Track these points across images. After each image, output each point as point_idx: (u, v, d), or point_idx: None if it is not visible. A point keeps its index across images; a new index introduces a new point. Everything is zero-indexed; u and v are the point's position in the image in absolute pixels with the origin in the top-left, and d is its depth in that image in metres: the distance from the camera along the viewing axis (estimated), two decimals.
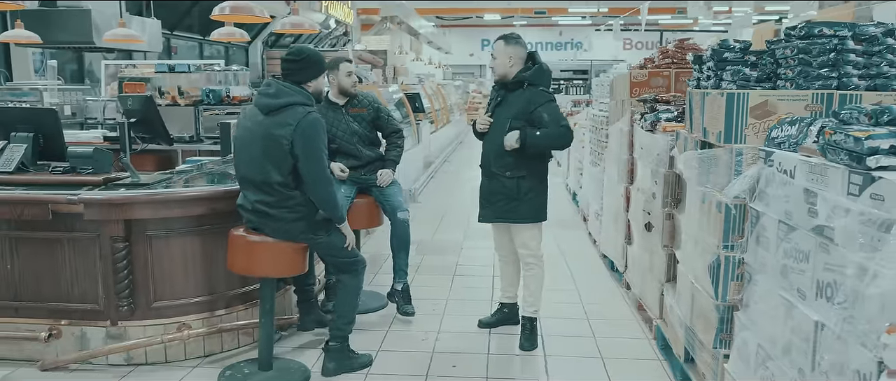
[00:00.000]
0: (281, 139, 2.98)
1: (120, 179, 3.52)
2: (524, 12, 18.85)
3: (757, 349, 2.36)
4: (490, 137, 3.63)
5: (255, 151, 3.05)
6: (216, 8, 4.64)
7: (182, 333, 3.44)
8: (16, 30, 6.29)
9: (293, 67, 3.14)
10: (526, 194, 3.57)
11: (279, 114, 3.02)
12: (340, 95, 4.09)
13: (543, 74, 3.60)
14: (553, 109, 3.54)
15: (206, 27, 13.16)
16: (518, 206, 3.58)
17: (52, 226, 3.31)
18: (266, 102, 3.07)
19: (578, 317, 4.22)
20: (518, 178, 3.55)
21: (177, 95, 6.38)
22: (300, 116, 3.00)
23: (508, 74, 3.58)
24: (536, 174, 3.63)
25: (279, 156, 3.00)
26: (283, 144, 2.98)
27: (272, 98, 3.06)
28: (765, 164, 2.44)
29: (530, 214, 3.63)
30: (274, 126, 3.01)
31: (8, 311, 3.44)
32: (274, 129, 3.00)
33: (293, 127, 2.98)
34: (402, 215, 4.17)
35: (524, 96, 3.54)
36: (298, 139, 2.98)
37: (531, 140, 3.46)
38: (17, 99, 6.35)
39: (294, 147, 2.99)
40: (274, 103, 3.04)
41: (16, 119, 3.73)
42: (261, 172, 3.04)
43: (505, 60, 3.58)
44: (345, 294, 3.38)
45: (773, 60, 2.80)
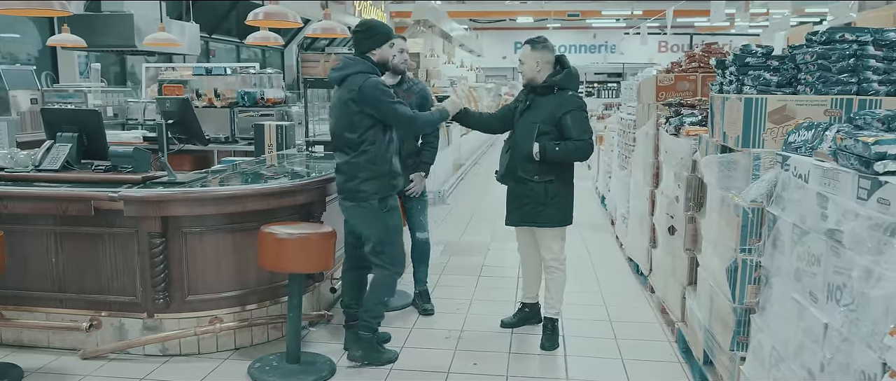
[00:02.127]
0: (349, 104, 3.33)
1: (158, 177, 3.68)
2: (557, 15, 18.81)
3: (771, 350, 2.38)
4: (517, 141, 3.67)
5: (335, 117, 3.46)
6: (251, 14, 4.79)
7: (214, 326, 3.58)
8: (63, 34, 6.56)
9: (358, 38, 3.45)
10: (553, 199, 3.62)
11: (345, 83, 3.37)
12: (391, 75, 3.99)
13: (573, 78, 3.64)
14: (579, 119, 3.58)
15: (244, 31, 13.47)
16: (544, 210, 3.63)
17: (94, 222, 3.48)
18: (334, 75, 3.44)
19: (601, 318, 4.25)
20: (545, 182, 3.59)
21: (213, 98, 6.58)
22: (360, 82, 3.31)
23: (537, 79, 3.63)
24: (563, 179, 3.67)
25: (349, 119, 3.35)
26: (352, 108, 3.33)
27: (338, 70, 3.42)
28: (782, 168, 2.46)
29: (556, 218, 3.67)
30: (343, 93, 3.38)
31: (53, 302, 3.62)
32: (343, 95, 3.37)
33: (357, 92, 3.31)
34: (422, 234, 4.28)
35: (555, 101, 3.59)
36: (367, 103, 3.31)
37: (550, 154, 3.55)
38: (63, 100, 6.62)
39: (364, 110, 3.32)
40: (338, 75, 3.40)
41: (61, 120, 3.92)
42: (339, 134, 3.44)
43: (532, 65, 3.62)
44: (375, 290, 3.53)
45: (794, 65, 2.81)
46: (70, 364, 3.48)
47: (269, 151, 5.43)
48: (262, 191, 3.59)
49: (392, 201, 3.51)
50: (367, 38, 3.43)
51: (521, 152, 3.63)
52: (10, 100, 6.52)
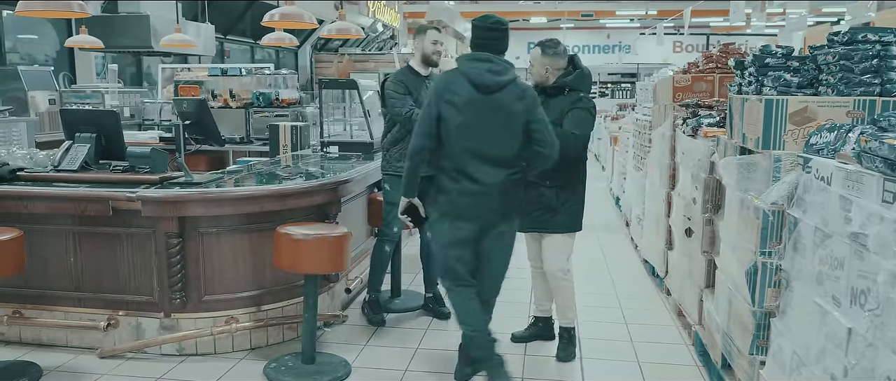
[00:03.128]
0: (521, 113, 3.06)
1: (175, 178, 3.70)
2: (571, 15, 18.72)
3: (792, 355, 2.35)
4: None
5: (498, 127, 3.05)
6: (266, 15, 4.81)
7: (230, 326, 3.60)
8: (81, 35, 6.64)
9: (499, 36, 3.11)
10: (564, 204, 3.51)
11: (507, 88, 3.06)
12: (423, 65, 4.00)
13: (584, 78, 3.54)
14: (580, 117, 3.44)
15: (258, 32, 13.53)
16: (554, 216, 3.51)
17: (112, 222, 3.51)
18: (498, 79, 3.05)
19: (617, 321, 4.22)
20: (557, 187, 3.48)
21: (229, 98, 6.62)
22: (527, 87, 3.15)
23: (547, 80, 3.54)
24: (575, 182, 3.56)
25: (519, 129, 3.08)
26: (521, 118, 3.07)
27: (501, 75, 3.06)
28: (803, 170, 2.43)
29: (566, 223, 3.55)
30: (510, 100, 3.06)
31: (71, 301, 3.65)
32: (509, 102, 3.05)
33: (530, 99, 3.09)
34: None
35: (565, 102, 3.49)
36: (532, 110, 3.09)
37: None
38: (81, 101, 6.69)
39: (529, 119, 3.08)
40: (505, 80, 3.06)
41: (80, 120, 3.96)
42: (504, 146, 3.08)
43: (541, 70, 3.52)
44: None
45: (815, 66, 2.77)
46: (88, 363, 3.50)
47: (283, 151, 5.45)
48: (279, 192, 3.60)
49: None
50: (506, 38, 3.12)
51: None
52: (29, 100, 6.60)
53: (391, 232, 4.08)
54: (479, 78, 3.03)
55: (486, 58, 3.07)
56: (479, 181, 3.07)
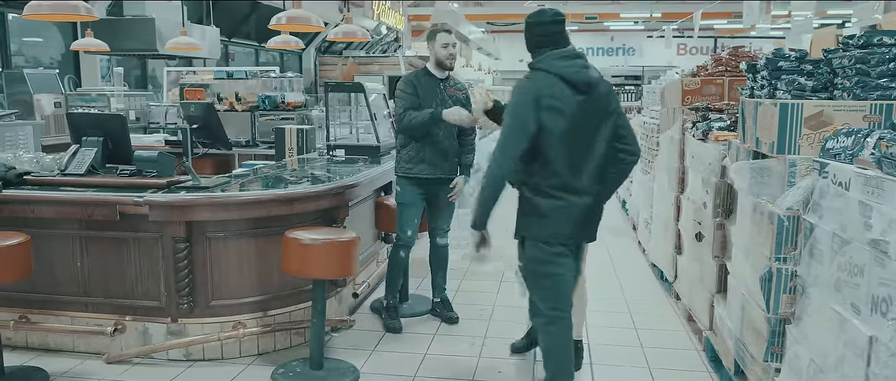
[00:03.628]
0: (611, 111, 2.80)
1: (182, 182, 3.68)
2: (575, 18, 18.68)
3: (809, 363, 2.32)
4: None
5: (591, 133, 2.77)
6: (274, 18, 4.79)
7: (237, 331, 3.57)
8: (87, 38, 6.62)
9: (564, 28, 2.80)
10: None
11: (598, 87, 2.78)
12: (439, 68, 3.97)
13: None
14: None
15: (263, 34, 13.54)
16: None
17: (119, 226, 3.49)
18: (593, 75, 2.76)
19: (626, 326, 4.19)
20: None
21: (234, 101, 6.60)
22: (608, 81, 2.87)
23: None
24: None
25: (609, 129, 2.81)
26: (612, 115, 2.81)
27: (592, 70, 2.78)
28: (819, 175, 2.40)
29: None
30: (604, 101, 2.79)
31: (78, 306, 3.63)
32: (606, 104, 2.80)
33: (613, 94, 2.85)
34: (443, 240, 4.19)
35: None
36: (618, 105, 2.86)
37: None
38: (87, 104, 6.68)
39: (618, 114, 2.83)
40: (596, 76, 2.79)
41: (87, 124, 3.95)
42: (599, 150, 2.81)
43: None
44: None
45: (830, 70, 2.74)
46: (95, 368, 3.48)
47: (289, 155, 5.43)
48: (287, 196, 3.58)
49: None
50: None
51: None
52: (35, 103, 6.59)
53: (405, 236, 4.05)
54: (577, 76, 2.69)
55: (574, 53, 2.76)
56: (583, 194, 2.77)
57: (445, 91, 3.98)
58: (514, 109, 2.68)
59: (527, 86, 2.71)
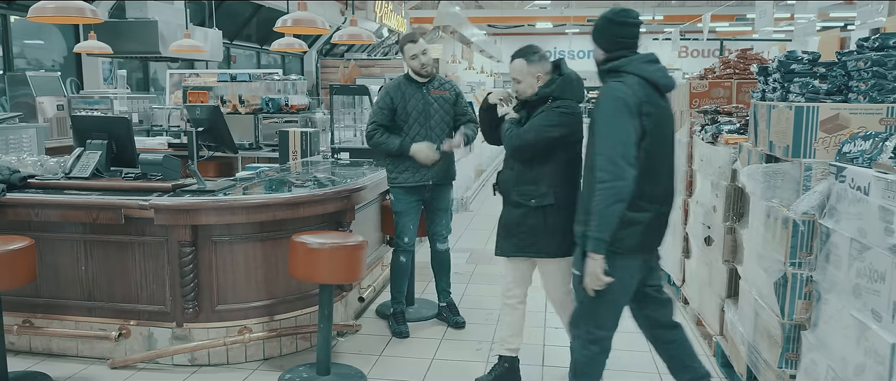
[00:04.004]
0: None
1: (187, 185, 3.65)
2: (576, 21, 18.70)
3: (827, 370, 2.28)
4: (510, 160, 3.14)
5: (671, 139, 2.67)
6: (279, 20, 4.77)
7: (243, 336, 3.54)
8: (90, 41, 6.60)
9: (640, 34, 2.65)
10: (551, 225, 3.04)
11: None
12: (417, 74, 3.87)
13: (571, 85, 3.02)
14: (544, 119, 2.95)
15: (264, 37, 13.54)
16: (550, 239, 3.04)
17: (124, 230, 3.46)
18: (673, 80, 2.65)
19: (634, 330, 4.11)
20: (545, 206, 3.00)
21: (238, 104, 6.58)
22: None
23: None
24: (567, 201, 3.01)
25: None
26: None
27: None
28: (836, 179, 2.37)
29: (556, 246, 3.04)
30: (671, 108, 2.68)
31: (82, 310, 3.60)
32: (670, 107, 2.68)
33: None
34: (443, 245, 4.13)
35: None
36: None
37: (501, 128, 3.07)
38: (90, 107, 6.65)
39: None
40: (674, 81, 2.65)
41: (91, 127, 3.91)
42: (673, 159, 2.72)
43: (532, 81, 3.03)
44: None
45: (845, 73, 2.71)
46: (99, 373, 3.45)
47: (293, 157, 5.41)
48: (293, 200, 3.55)
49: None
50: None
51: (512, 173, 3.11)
52: (37, 106, 6.56)
53: (403, 242, 4.01)
54: (666, 81, 2.58)
55: (654, 57, 2.63)
56: (664, 203, 2.65)
57: (429, 94, 3.89)
58: (614, 114, 2.46)
59: (622, 90, 2.48)
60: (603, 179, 2.45)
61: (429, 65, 3.84)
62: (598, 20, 2.63)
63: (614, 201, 2.45)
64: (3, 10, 7.72)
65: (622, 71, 2.54)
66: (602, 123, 2.49)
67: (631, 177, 2.45)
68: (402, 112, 3.84)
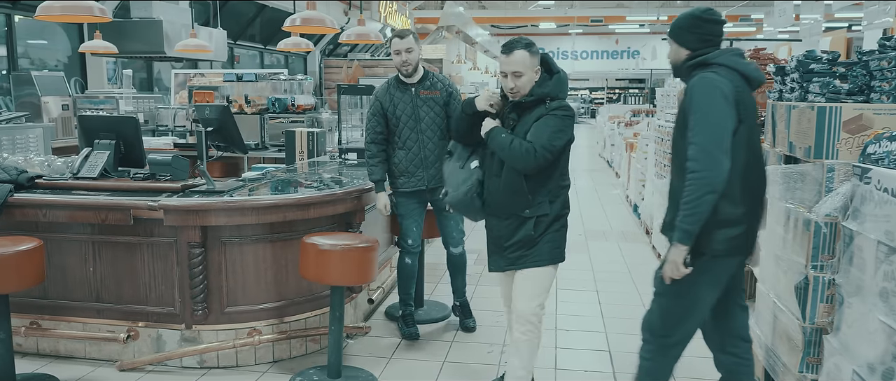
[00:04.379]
0: None
1: (196, 186, 3.61)
2: (580, 21, 18.67)
3: (852, 375, 2.24)
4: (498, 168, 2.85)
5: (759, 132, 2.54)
6: (287, 20, 4.73)
7: (252, 338, 3.50)
8: (95, 40, 6.57)
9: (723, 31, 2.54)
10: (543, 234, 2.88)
11: None
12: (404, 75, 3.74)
13: (565, 83, 2.89)
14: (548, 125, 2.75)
15: (268, 37, 13.50)
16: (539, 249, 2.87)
17: (132, 231, 3.42)
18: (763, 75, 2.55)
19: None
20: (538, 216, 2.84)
21: (244, 104, 6.54)
22: None
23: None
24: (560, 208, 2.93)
25: None
26: None
27: None
28: (860, 181, 2.33)
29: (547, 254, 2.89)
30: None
31: (90, 312, 3.56)
32: None
33: None
34: (457, 249, 4.01)
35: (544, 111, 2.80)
36: None
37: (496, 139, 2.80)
38: (95, 106, 6.62)
39: None
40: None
41: (99, 127, 3.88)
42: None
43: (533, 76, 2.81)
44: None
45: (866, 72, 2.67)
46: (107, 376, 3.42)
47: (300, 158, 5.37)
48: (304, 200, 3.51)
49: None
50: None
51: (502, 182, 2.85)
52: (42, 106, 6.53)
53: (407, 244, 3.94)
54: (756, 73, 2.46)
55: (741, 51, 2.55)
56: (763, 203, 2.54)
57: (418, 96, 3.76)
58: (710, 102, 2.33)
59: (715, 80, 2.36)
60: (695, 169, 2.32)
61: (409, 63, 3.68)
62: (683, 19, 2.53)
63: (706, 191, 2.30)
64: (8, 9, 7.69)
65: (713, 63, 2.42)
66: (696, 112, 2.35)
67: (725, 168, 2.31)
68: (393, 117, 3.74)
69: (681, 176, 2.41)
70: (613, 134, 11.93)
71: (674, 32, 2.56)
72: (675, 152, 2.53)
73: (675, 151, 2.53)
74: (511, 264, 2.91)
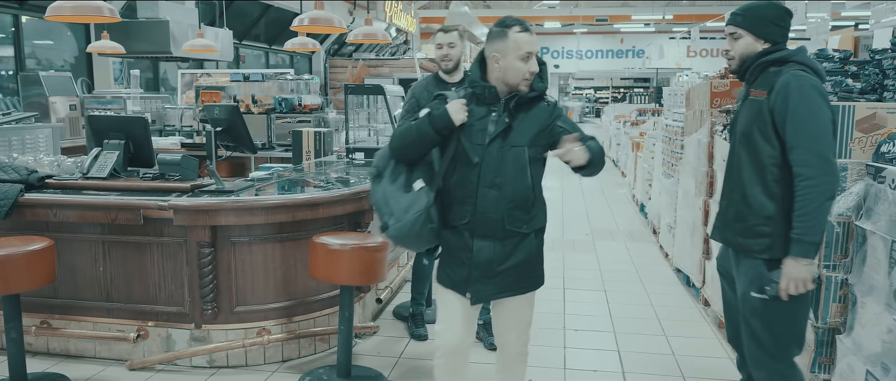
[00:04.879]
0: None
1: (206, 186, 3.62)
2: (585, 20, 18.65)
3: (866, 375, 2.23)
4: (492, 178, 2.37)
5: None
6: (295, 19, 4.73)
7: (262, 337, 3.51)
8: (102, 41, 6.59)
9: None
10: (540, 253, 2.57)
11: None
12: (444, 72, 3.60)
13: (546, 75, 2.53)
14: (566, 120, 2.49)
15: (273, 37, 13.51)
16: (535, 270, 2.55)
17: (142, 231, 3.43)
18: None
19: (656, 333, 4.10)
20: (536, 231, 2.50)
21: (251, 104, 6.55)
22: None
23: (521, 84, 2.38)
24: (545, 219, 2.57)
25: None
26: None
27: None
28: (873, 180, 2.33)
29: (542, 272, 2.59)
30: None
31: (100, 311, 3.57)
32: None
33: None
34: None
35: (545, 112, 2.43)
36: None
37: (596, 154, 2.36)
38: (102, 107, 6.64)
39: None
40: None
41: (108, 127, 3.88)
42: None
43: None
44: None
45: (879, 71, 2.66)
46: (117, 375, 3.42)
47: (307, 157, 5.37)
48: (313, 200, 3.51)
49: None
50: None
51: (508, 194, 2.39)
52: (50, 106, 6.55)
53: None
54: (823, 72, 2.35)
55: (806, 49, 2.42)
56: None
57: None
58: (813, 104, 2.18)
59: (813, 80, 2.22)
60: (809, 176, 2.14)
61: (450, 59, 3.58)
62: (767, 9, 2.33)
63: (826, 197, 2.15)
64: (16, 10, 7.72)
65: (793, 61, 2.28)
66: (799, 115, 2.18)
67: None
68: None
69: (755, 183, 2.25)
70: (619, 133, 11.91)
71: (753, 23, 2.33)
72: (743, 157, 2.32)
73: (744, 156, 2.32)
74: (503, 290, 2.47)
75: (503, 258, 2.43)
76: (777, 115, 2.21)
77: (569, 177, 11.46)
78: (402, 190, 2.44)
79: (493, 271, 2.44)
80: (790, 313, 2.24)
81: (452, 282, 2.49)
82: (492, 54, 2.37)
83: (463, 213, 2.41)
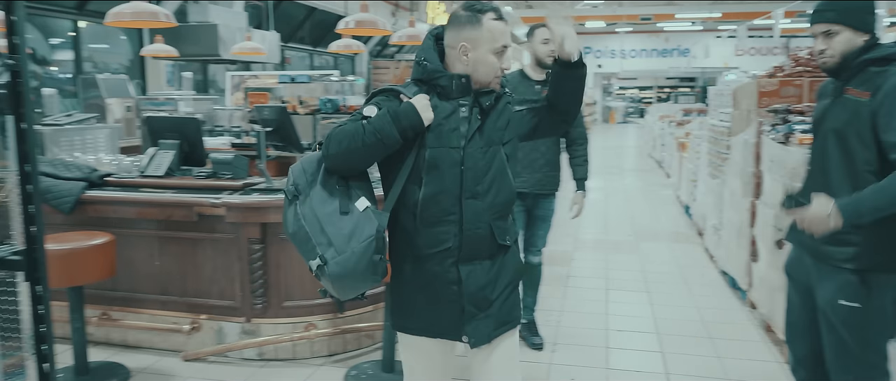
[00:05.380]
0: None
1: (256, 184, 3.74)
2: (630, 19, 18.44)
3: None
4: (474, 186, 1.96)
5: None
6: (340, 22, 4.84)
7: (309, 332, 3.60)
8: (156, 44, 6.83)
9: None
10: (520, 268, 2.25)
11: None
12: (537, 68, 3.54)
13: None
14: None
15: (318, 38, 13.76)
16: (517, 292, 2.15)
17: (196, 227, 3.56)
18: None
19: (700, 335, 4.06)
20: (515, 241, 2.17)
21: (297, 105, 6.70)
22: None
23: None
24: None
25: None
26: None
27: None
28: None
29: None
30: None
31: (156, 304, 3.72)
32: None
33: None
34: (536, 258, 3.79)
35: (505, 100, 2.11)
36: None
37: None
38: (156, 108, 6.88)
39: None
40: None
41: (164, 127, 4.05)
42: None
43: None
44: None
45: None
46: (172, 365, 3.56)
47: None
48: None
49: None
50: None
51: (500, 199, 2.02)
52: (107, 107, 6.82)
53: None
54: None
55: None
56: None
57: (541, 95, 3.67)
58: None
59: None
60: None
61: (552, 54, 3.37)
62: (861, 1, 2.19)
63: None
64: (75, 16, 8.06)
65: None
66: None
67: None
68: None
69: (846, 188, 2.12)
70: (664, 134, 11.74)
71: (850, 17, 2.16)
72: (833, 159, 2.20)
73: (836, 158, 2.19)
74: (503, 323, 2.06)
75: (495, 282, 2.02)
76: (881, 117, 2.06)
77: (612, 178, 11.36)
78: (337, 213, 1.90)
79: (487, 300, 2.00)
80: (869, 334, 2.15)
81: (440, 328, 2.02)
82: (459, 44, 1.94)
83: (443, 235, 1.94)
